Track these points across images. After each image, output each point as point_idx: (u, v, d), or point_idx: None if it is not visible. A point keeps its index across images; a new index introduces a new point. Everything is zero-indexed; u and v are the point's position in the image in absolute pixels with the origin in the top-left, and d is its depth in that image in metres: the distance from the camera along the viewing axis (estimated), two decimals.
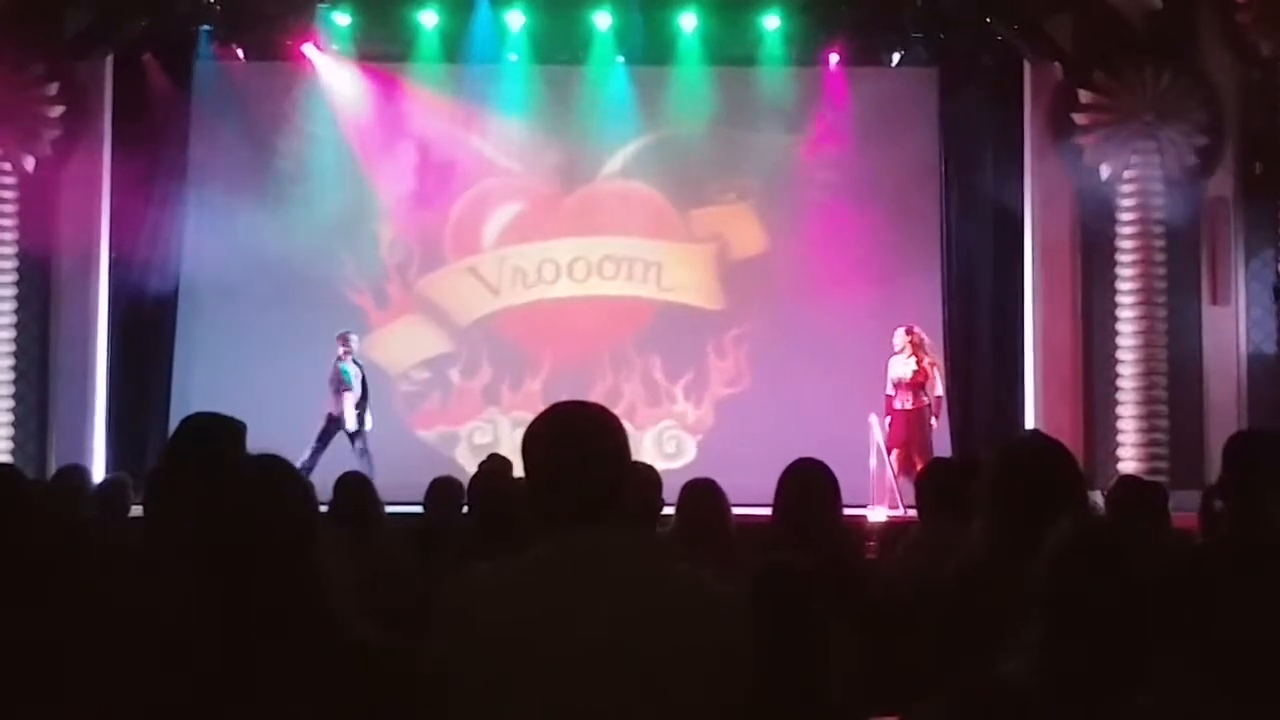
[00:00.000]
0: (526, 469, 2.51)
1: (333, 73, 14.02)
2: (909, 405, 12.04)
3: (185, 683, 2.38)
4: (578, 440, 2.47)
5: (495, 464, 7.02)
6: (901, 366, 12.10)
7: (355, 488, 6.44)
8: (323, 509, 2.81)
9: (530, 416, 2.57)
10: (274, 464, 2.56)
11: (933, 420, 12.10)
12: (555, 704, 2.30)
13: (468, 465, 11.50)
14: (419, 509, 6.69)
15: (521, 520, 2.58)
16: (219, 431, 3.70)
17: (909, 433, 11.99)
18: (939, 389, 12.17)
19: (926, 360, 12.08)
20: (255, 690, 2.37)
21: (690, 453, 14.11)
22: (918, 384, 12.03)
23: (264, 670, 2.38)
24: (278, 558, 2.43)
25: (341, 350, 12.78)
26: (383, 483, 6.77)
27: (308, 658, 2.39)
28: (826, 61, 14.14)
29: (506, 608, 2.36)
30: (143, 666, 2.46)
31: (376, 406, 13.21)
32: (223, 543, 2.44)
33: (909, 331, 12.14)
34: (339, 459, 11.66)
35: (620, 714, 2.31)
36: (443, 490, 6.52)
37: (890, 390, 12.18)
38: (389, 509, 6.74)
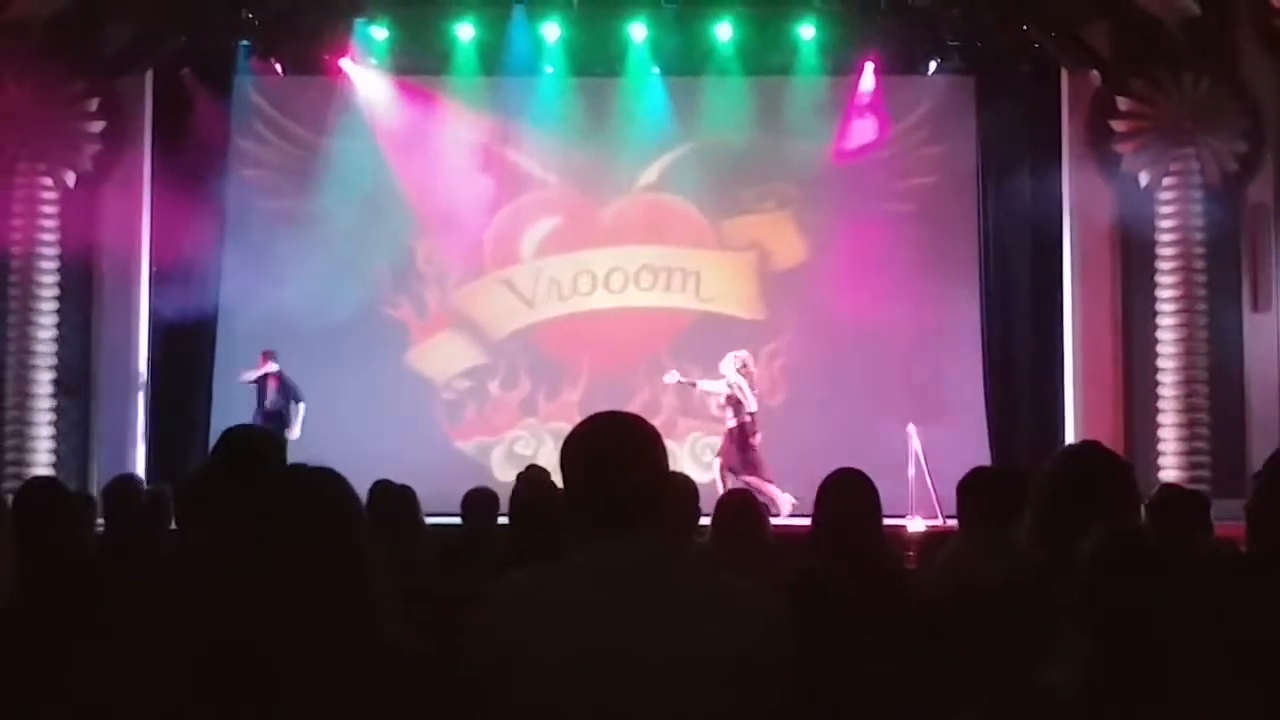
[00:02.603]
0: (565, 480, 2.51)
1: (370, 86, 14.10)
2: (732, 423, 12.63)
3: (225, 691, 2.39)
4: (615, 451, 2.47)
5: (534, 474, 7.00)
6: (725, 387, 12.69)
7: (395, 498, 6.43)
8: None
9: (568, 427, 2.58)
10: (329, 472, 2.59)
11: (754, 438, 12.56)
12: (594, 713, 2.31)
13: (504, 476, 11.52)
14: (455, 520, 6.71)
15: (559, 530, 2.58)
16: (261, 444, 3.74)
17: (731, 446, 12.60)
18: (751, 405, 12.61)
19: (736, 381, 12.58)
20: (300, 696, 2.38)
21: None
22: (734, 402, 12.61)
23: (312, 676, 2.39)
24: (338, 564, 2.45)
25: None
26: (421, 493, 6.76)
27: (355, 664, 2.41)
28: (862, 70, 14.11)
29: (546, 616, 2.36)
30: (185, 672, 2.48)
31: (419, 417, 13.35)
32: (287, 547, 2.45)
33: (735, 356, 12.71)
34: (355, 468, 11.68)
35: None
36: (479, 501, 6.52)
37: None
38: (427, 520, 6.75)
